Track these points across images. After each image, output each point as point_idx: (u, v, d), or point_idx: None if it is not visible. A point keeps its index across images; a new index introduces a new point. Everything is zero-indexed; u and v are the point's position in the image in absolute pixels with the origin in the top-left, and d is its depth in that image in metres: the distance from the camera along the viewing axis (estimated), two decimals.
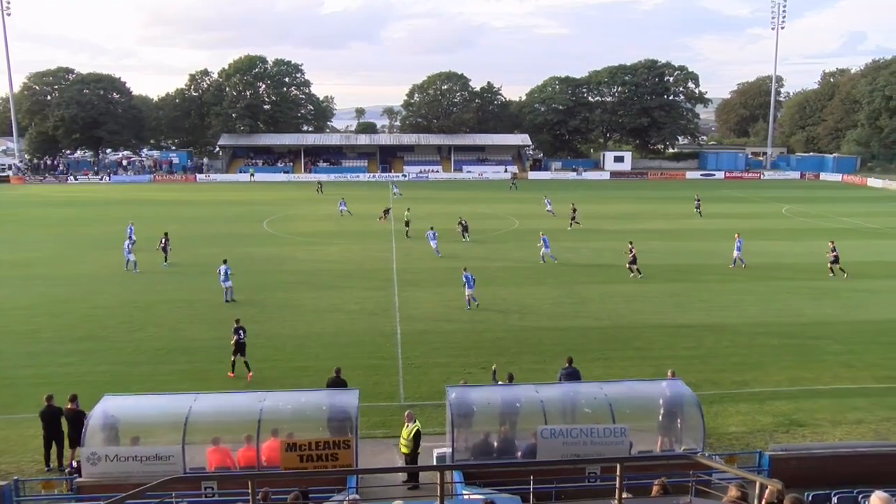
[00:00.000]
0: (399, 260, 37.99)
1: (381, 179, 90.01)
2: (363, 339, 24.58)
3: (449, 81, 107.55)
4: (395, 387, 20.36)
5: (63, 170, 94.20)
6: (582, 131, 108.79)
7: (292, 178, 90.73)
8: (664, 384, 15.92)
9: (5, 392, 18.99)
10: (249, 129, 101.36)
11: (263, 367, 21.81)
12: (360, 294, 30.81)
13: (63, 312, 28.06)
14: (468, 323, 26.53)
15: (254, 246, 42.21)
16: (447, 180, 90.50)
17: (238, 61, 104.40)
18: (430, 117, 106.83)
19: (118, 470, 13.46)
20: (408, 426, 14.99)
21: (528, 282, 33.22)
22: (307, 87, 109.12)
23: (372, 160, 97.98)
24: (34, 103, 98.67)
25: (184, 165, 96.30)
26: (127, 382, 20.01)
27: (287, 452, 13.42)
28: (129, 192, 76.13)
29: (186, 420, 13.75)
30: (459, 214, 47.71)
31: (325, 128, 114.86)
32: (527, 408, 15.00)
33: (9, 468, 15.61)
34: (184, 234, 46.11)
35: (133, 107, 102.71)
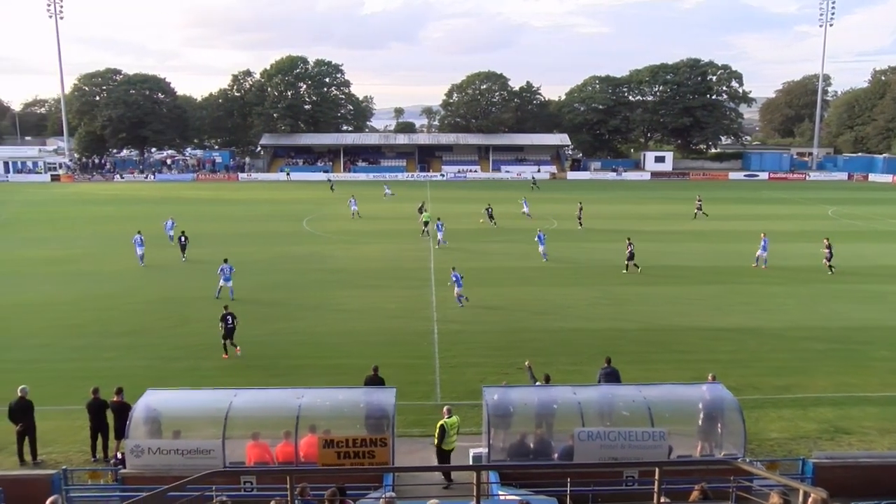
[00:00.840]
0: (436, 259, 38.05)
1: (420, 179, 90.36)
2: (400, 338, 24.69)
3: (488, 81, 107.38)
4: (431, 386, 20.41)
5: (110, 168, 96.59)
6: (622, 131, 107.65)
7: (332, 177, 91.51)
8: (704, 388, 15.67)
9: (54, 384, 19.52)
10: (290, 128, 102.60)
11: (302, 363, 22.07)
12: (398, 293, 30.96)
13: (107, 308, 28.77)
14: (504, 323, 26.46)
15: (293, 244, 42.72)
16: (485, 180, 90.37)
17: (280, 62, 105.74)
18: (469, 117, 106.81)
19: (160, 462, 13.74)
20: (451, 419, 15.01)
21: (565, 282, 32.99)
22: (347, 87, 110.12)
23: (410, 160, 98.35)
24: (84, 104, 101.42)
25: (226, 164, 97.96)
26: (168, 377, 20.41)
27: (325, 449, 13.55)
28: (172, 190, 77.67)
29: (227, 415, 13.98)
30: (489, 202, 47.46)
31: (364, 127, 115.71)
32: (564, 409, 14.89)
33: (58, 457, 16.06)
34: (225, 232, 46.92)
35: (177, 107, 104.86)
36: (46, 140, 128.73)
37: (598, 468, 13.23)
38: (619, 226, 49.30)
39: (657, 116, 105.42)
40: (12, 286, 32.35)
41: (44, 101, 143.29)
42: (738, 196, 70.78)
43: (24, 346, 23.99)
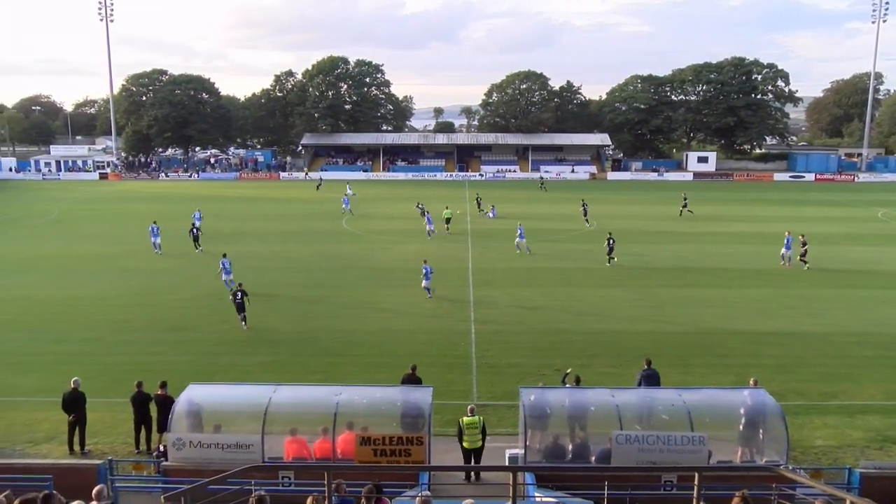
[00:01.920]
0: (475, 259, 38.04)
1: (458, 179, 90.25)
2: (438, 338, 24.75)
3: (528, 81, 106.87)
4: (468, 385, 20.41)
5: (155, 167, 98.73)
6: (664, 131, 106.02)
7: (371, 176, 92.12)
8: (746, 392, 15.36)
9: (102, 377, 20.04)
10: (331, 128, 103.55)
11: (340, 361, 22.28)
12: (437, 293, 31.01)
13: (153, 303, 29.42)
14: (544, 324, 26.32)
15: (332, 243, 43.13)
16: (524, 180, 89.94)
17: (321, 62, 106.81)
18: (509, 117, 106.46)
19: (201, 456, 14.01)
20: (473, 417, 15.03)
21: (606, 284, 32.67)
22: (387, 86, 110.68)
23: (449, 160, 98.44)
24: (131, 104, 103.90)
25: (268, 164, 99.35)
26: (211, 372, 20.80)
27: (362, 446, 13.66)
28: (215, 188, 79.03)
29: (266, 410, 14.18)
30: None
31: (403, 127, 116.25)
32: (602, 412, 14.75)
33: (104, 448, 16.51)
34: (266, 230, 47.57)
35: (221, 106, 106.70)
36: (95, 139, 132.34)
37: (636, 472, 13.08)
38: (660, 227, 48.73)
39: (700, 116, 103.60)
40: (64, 281, 33.31)
41: (94, 101, 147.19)
42: (784, 198, 69.22)
43: (74, 339, 24.70)
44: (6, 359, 22.69)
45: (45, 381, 20.00)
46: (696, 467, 11.33)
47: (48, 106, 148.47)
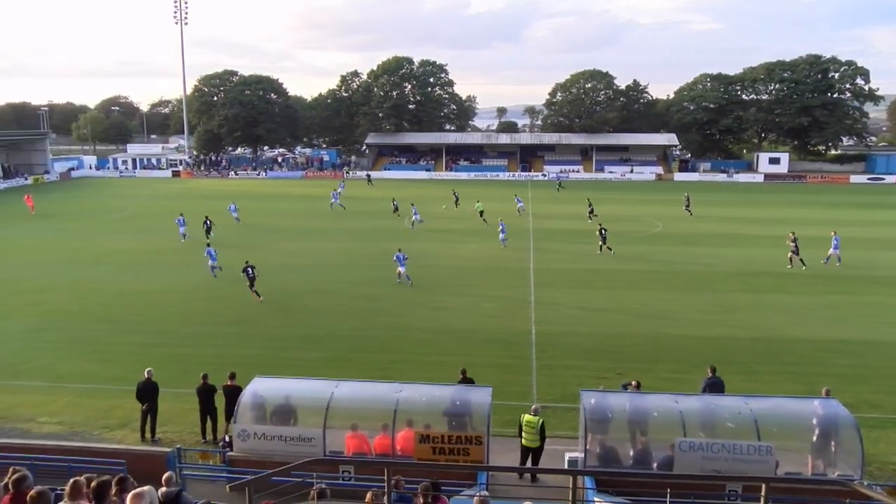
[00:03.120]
0: (536, 259, 37.80)
1: (521, 179, 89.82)
2: (497, 338, 24.69)
3: (593, 80, 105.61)
4: (527, 387, 20.30)
5: (225, 165, 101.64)
6: (734, 131, 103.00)
7: (433, 175, 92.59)
8: (817, 403, 14.79)
9: (171, 368, 20.74)
10: (394, 128, 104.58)
11: (400, 359, 22.46)
12: (496, 293, 30.96)
13: (218, 297, 30.30)
14: (605, 326, 25.96)
15: (394, 242, 43.37)
16: (588, 181, 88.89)
17: (386, 62, 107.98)
18: (573, 116, 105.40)
19: (265, 447, 14.37)
20: (533, 416, 14.97)
21: (671, 287, 31.98)
22: (451, 86, 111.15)
23: (512, 159, 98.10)
24: (203, 104, 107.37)
25: (333, 163, 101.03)
26: (274, 365, 21.24)
27: (421, 444, 13.76)
28: (282, 187, 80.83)
29: (328, 405, 14.44)
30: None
31: (466, 127, 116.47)
32: (665, 418, 14.45)
33: (172, 436, 17.11)
34: (330, 227, 48.34)
35: (288, 106, 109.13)
36: (169, 138, 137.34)
37: (700, 480, 12.76)
38: (730, 230, 47.39)
39: (772, 116, 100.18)
40: (138, 274, 34.65)
41: (168, 101, 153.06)
42: (862, 201, 66.41)
43: (146, 330, 25.66)
44: (84, 347, 23.77)
45: (120, 369, 20.85)
46: (764, 478, 10.99)
47: (126, 106, 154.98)
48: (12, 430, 17.57)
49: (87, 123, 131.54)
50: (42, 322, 26.73)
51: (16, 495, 7.75)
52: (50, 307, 28.84)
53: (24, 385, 20.56)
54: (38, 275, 34.55)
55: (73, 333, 25.33)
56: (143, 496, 7.28)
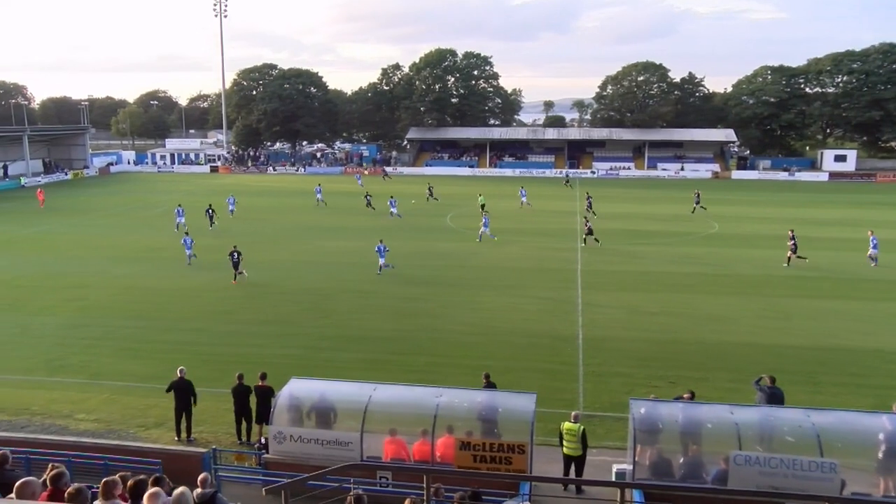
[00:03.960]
0: (584, 261, 37.48)
1: (569, 176, 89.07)
2: (542, 342, 24.56)
3: (646, 72, 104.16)
4: (573, 394, 20.13)
5: (264, 161, 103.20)
6: (796, 126, 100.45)
7: (477, 172, 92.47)
8: (886, 418, 14.32)
9: (206, 367, 21.14)
10: (437, 122, 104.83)
11: (440, 361, 22.49)
12: (541, 294, 30.81)
13: (254, 296, 30.78)
14: (656, 332, 25.60)
15: (436, 240, 43.63)
16: (640, 178, 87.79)
17: (428, 55, 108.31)
18: (624, 111, 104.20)
19: (301, 451, 14.53)
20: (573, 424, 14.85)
21: (725, 291, 31.38)
22: (495, 79, 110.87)
23: (559, 155, 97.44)
24: (241, 98, 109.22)
25: (373, 158, 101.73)
26: (310, 366, 21.47)
27: (461, 451, 13.74)
28: (320, 183, 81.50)
29: (366, 408, 14.52)
30: None
31: (511, 121, 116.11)
32: (719, 430, 14.16)
33: (208, 437, 17.44)
34: (370, 225, 48.66)
35: (328, 101, 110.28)
36: (208, 133, 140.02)
37: (756, 496, 12.49)
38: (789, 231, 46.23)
39: (839, 110, 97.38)
40: (173, 271, 35.41)
41: (206, 95, 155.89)
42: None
43: (182, 328, 26.21)
44: (119, 344, 24.39)
45: (155, 367, 21.33)
46: (829, 497, 10.70)
47: (165, 101, 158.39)
48: (51, 426, 18.15)
49: (125, 118, 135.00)
50: (78, 318, 27.51)
51: (54, 492, 8.02)
52: (86, 303, 29.67)
53: (61, 381, 21.20)
54: (75, 270, 35.58)
55: (108, 330, 26.02)
56: (158, 497, 7.42)
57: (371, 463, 14.06)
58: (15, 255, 39.98)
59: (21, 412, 19.14)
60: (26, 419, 18.70)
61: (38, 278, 34.12)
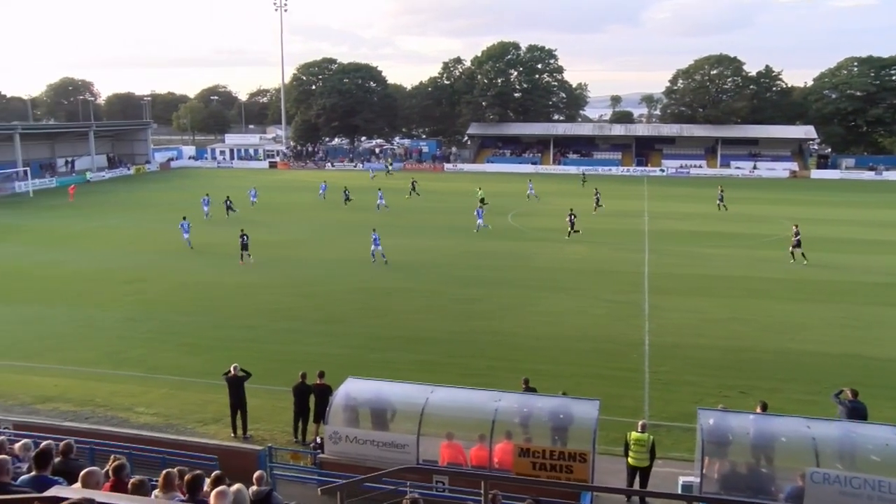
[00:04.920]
0: (651, 263, 36.90)
1: (636, 174, 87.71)
2: (606, 347, 24.29)
3: (719, 65, 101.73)
4: (638, 402, 19.85)
5: (322, 156, 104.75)
6: (886, 122, 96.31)
7: (540, 169, 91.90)
8: None
9: (260, 364, 21.53)
10: (499, 117, 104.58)
11: (498, 365, 22.46)
12: (606, 298, 30.46)
13: (311, 294, 31.28)
14: (727, 339, 25.02)
15: (496, 240, 43.55)
16: (711, 177, 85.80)
17: (491, 48, 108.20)
18: (695, 106, 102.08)
19: (356, 451, 14.73)
20: (642, 434, 14.65)
21: (802, 297, 30.46)
22: (560, 73, 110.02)
23: (626, 152, 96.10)
24: (301, 93, 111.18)
25: (433, 154, 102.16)
26: (366, 366, 21.69)
27: (520, 457, 13.72)
28: (378, 179, 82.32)
29: (422, 411, 14.62)
30: None
31: (576, 117, 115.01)
32: (794, 444, 13.77)
33: (263, 434, 17.85)
34: (426, 223, 48.91)
35: (388, 95, 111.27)
36: (267, 128, 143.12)
37: None
38: (874, 234, 44.64)
39: None
40: (232, 267, 36.29)
41: (266, 90, 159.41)
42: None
43: (235, 325, 26.85)
44: (179, 339, 25.15)
45: (211, 363, 21.89)
46: None
47: (225, 96, 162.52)
48: (113, 418, 18.88)
49: (186, 113, 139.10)
50: (138, 312, 28.48)
51: (116, 482, 8.38)
52: (145, 297, 30.69)
53: (122, 374, 22.00)
54: (134, 265, 36.84)
55: (165, 325, 26.87)
56: (225, 495, 7.63)
57: (428, 467, 14.15)
58: (78, 248, 41.64)
59: (86, 403, 19.97)
60: (90, 410, 19.51)
61: (100, 272, 35.46)
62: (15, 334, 25.92)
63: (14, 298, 30.62)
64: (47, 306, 29.34)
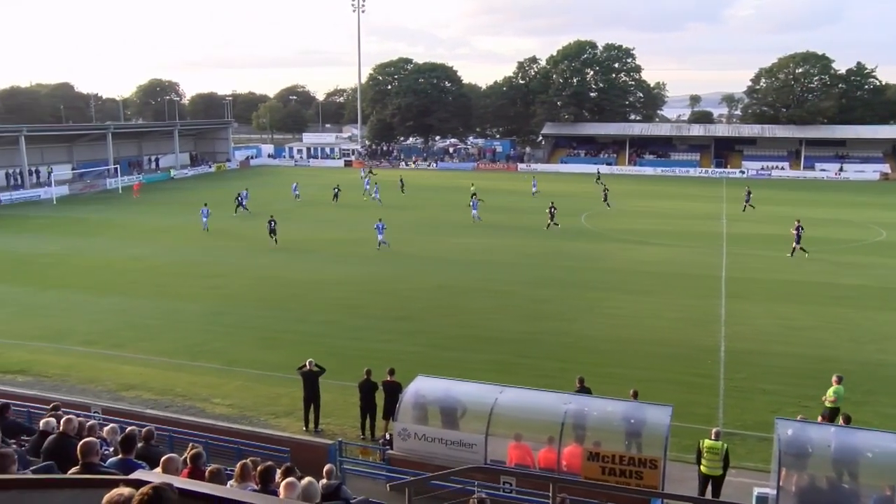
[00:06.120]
0: (729, 267, 35.90)
1: (714, 176, 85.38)
2: (680, 352, 23.77)
3: (805, 63, 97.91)
4: (712, 409, 19.38)
5: (396, 155, 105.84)
6: None
7: (615, 170, 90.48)
8: None
9: (335, 359, 21.92)
10: (574, 117, 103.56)
11: (568, 367, 22.19)
12: (681, 301, 29.80)
13: (385, 291, 31.67)
14: (808, 348, 24.13)
15: (569, 241, 43.16)
16: (794, 179, 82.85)
17: (567, 47, 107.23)
18: (779, 106, 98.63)
19: (424, 449, 14.86)
20: (715, 441, 14.28)
21: (891, 306, 29.07)
22: (637, 72, 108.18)
23: (705, 154, 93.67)
24: (377, 92, 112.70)
25: (507, 154, 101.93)
26: (436, 365, 21.81)
27: (589, 461, 13.59)
28: (452, 178, 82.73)
29: (491, 411, 14.65)
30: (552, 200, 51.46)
31: (653, 117, 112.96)
32: (882, 460, 13.18)
33: (334, 429, 18.20)
34: (498, 222, 48.83)
35: (462, 95, 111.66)
36: (343, 127, 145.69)
37: None
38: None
39: None
40: (308, 263, 37.12)
41: (343, 90, 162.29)
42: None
43: (312, 320, 27.45)
44: (256, 333, 25.86)
45: (287, 358, 22.38)
46: None
47: (303, 95, 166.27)
48: (191, 408, 19.58)
49: (266, 113, 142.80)
50: (218, 306, 29.41)
51: (193, 470, 8.74)
52: (225, 291, 31.67)
53: (201, 366, 22.77)
54: (214, 260, 38.05)
55: (245, 319, 27.67)
56: (295, 486, 7.81)
57: (497, 467, 14.16)
58: (161, 243, 43.28)
59: (166, 392, 20.79)
60: (170, 399, 20.29)
61: (181, 266, 36.78)
62: (105, 324, 27.19)
63: (104, 290, 32.08)
64: (133, 298, 30.63)
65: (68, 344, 24.82)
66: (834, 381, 17.51)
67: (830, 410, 16.94)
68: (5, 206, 60.70)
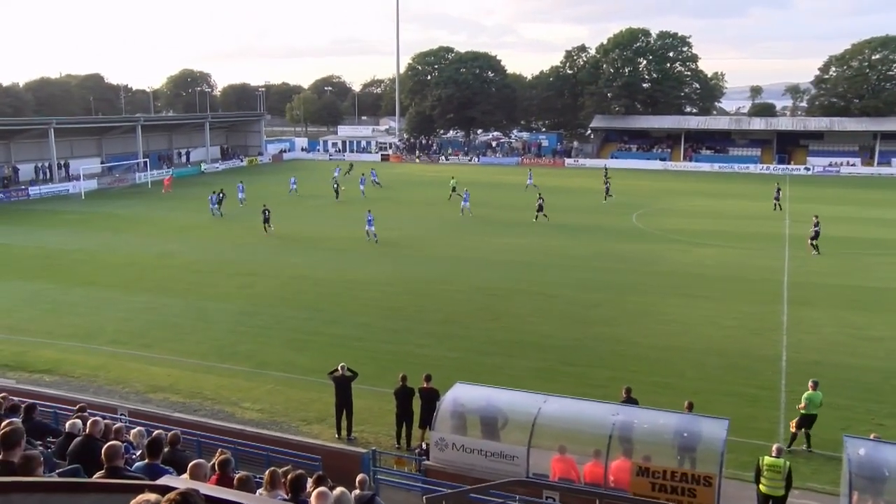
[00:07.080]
0: (792, 271, 35.19)
1: (776, 172, 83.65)
2: (738, 362, 23.38)
3: (883, 49, 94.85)
4: (773, 423, 19.02)
5: (436, 149, 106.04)
6: None
7: (669, 166, 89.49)
8: None
9: (370, 364, 22.09)
10: (625, 109, 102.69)
11: (618, 376, 21.96)
12: (739, 307, 29.30)
13: (423, 293, 31.74)
14: (883, 360, 23.51)
15: (619, 241, 42.77)
16: (867, 177, 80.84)
17: (618, 35, 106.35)
18: (850, 97, 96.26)
19: (463, 460, 14.83)
20: (777, 458, 14.01)
21: None
22: (694, 62, 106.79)
23: (766, 149, 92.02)
24: (416, 83, 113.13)
25: (553, 148, 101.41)
26: (477, 371, 21.82)
27: (638, 477, 13.42)
28: (494, 174, 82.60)
29: (534, 421, 14.56)
30: None
31: (711, 109, 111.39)
32: None
33: (368, 437, 18.28)
34: (547, 222, 48.54)
35: (506, 86, 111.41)
36: (380, 120, 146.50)
37: None
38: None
39: None
40: (342, 262, 37.38)
41: (380, 81, 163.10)
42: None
43: (347, 322, 27.62)
44: (286, 335, 26.13)
45: (319, 361, 22.58)
46: None
47: (338, 86, 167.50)
48: (220, 412, 19.87)
49: (300, 104, 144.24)
50: (249, 306, 29.80)
51: (221, 476, 8.84)
52: (256, 291, 32.08)
53: (230, 368, 23.10)
54: (245, 258, 38.55)
55: (276, 319, 27.98)
56: (327, 497, 7.86)
57: (539, 481, 14.07)
58: (191, 240, 44.03)
59: (194, 395, 21.13)
60: (198, 402, 20.62)
61: (212, 264, 37.36)
62: (134, 322, 27.76)
63: (133, 287, 32.75)
64: (162, 296, 31.22)
65: (97, 343, 25.41)
66: (810, 387, 17.55)
67: (801, 417, 17.19)
68: (34, 201, 62.41)
